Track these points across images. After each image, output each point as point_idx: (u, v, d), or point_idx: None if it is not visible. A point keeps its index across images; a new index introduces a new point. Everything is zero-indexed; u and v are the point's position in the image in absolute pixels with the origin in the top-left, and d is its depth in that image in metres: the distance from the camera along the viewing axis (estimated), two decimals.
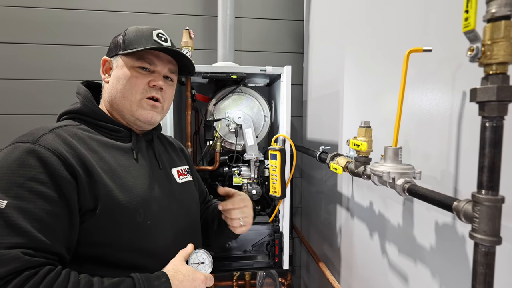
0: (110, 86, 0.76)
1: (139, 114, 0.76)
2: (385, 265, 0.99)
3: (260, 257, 1.36)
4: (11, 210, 0.55)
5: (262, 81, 1.60)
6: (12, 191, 0.56)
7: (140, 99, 0.75)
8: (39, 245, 0.56)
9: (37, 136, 0.63)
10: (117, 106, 0.76)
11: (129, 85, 0.74)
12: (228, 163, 1.49)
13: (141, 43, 0.74)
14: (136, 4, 1.75)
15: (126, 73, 0.74)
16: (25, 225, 0.55)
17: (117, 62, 0.76)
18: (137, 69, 0.75)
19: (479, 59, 0.49)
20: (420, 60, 0.79)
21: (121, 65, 0.75)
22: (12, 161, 0.59)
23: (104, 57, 0.78)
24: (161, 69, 0.78)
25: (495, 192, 0.49)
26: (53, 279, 0.55)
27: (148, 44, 0.74)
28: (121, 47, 0.75)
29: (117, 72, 0.75)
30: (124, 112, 0.76)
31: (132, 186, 0.70)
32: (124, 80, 0.74)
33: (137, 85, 0.74)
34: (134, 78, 0.74)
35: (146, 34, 0.76)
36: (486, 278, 0.49)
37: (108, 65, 0.78)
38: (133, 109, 0.75)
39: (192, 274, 0.69)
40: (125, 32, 0.77)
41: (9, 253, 0.52)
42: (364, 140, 0.87)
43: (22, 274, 0.53)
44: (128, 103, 0.75)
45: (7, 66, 1.66)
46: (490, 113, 0.48)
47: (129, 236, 0.68)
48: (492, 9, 0.46)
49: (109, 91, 0.76)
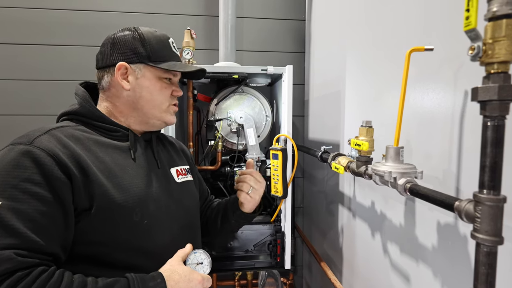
0: (134, 93, 0.76)
1: (168, 119, 0.82)
2: (387, 265, 0.99)
3: (262, 257, 1.36)
4: (5, 211, 0.55)
5: (264, 81, 1.60)
6: (6, 192, 0.57)
7: (167, 106, 0.81)
8: (33, 246, 0.56)
9: (32, 138, 0.63)
10: (143, 113, 0.78)
11: (160, 96, 0.79)
12: (229, 163, 1.49)
13: (166, 55, 0.79)
14: (138, 5, 1.76)
15: (155, 85, 0.78)
16: (18, 226, 0.55)
17: (141, 71, 0.76)
18: (164, 80, 0.80)
19: (480, 58, 0.48)
20: (422, 59, 0.79)
21: (148, 76, 0.77)
22: (7, 163, 0.59)
23: (122, 63, 0.74)
24: (177, 78, 0.84)
25: (497, 192, 0.49)
26: (46, 280, 0.55)
27: (170, 56, 0.80)
28: (145, 56, 0.75)
29: (143, 81, 0.76)
30: (150, 117, 0.80)
31: (129, 185, 0.70)
32: (154, 90, 0.78)
33: (166, 95, 0.80)
34: (164, 90, 0.80)
35: (166, 44, 0.80)
36: (488, 278, 0.48)
37: (129, 71, 0.76)
38: (162, 115, 0.81)
39: (188, 275, 0.69)
40: (143, 37, 0.76)
41: (1, 254, 0.53)
42: (365, 140, 0.87)
43: (14, 274, 0.53)
44: (157, 111, 0.79)
45: (10, 66, 1.68)
46: (492, 112, 0.47)
47: (126, 235, 0.68)
48: (493, 7, 0.46)
49: (129, 98, 0.77)
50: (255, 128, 1.42)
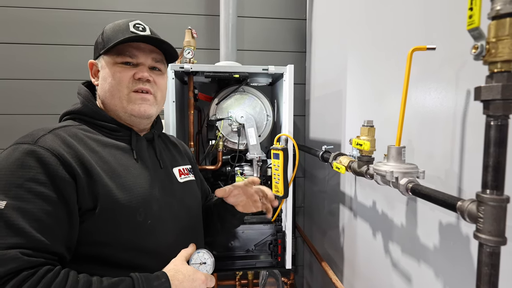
0: (100, 88, 0.76)
1: (131, 109, 0.74)
2: (388, 265, 0.99)
3: (263, 256, 1.36)
4: (10, 210, 0.55)
5: (265, 81, 1.60)
6: (11, 192, 0.57)
7: (127, 93, 0.73)
8: (38, 245, 0.56)
9: (36, 137, 0.63)
10: (110, 106, 0.75)
11: (114, 82, 0.73)
12: (230, 162, 1.49)
13: (118, 38, 0.71)
14: (139, 4, 1.76)
15: (110, 71, 0.73)
16: (24, 225, 0.55)
17: (101, 62, 0.75)
18: (120, 65, 0.73)
19: (483, 57, 0.48)
20: (424, 59, 0.79)
21: (104, 65, 0.74)
22: (11, 162, 0.59)
23: (90, 61, 0.78)
24: (145, 60, 0.75)
25: (500, 192, 0.48)
26: (51, 279, 0.55)
27: (122, 35, 0.72)
28: (101, 47, 0.74)
29: (102, 72, 0.74)
30: (118, 110, 0.75)
31: (132, 186, 0.70)
32: (109, 78, 0.73)
33: (122, 81, 0.73)
34: (118, 74, 0.73)
35: (122, 27, 0.74)
36: (491, 279, 0.48)
37: (96, 68, 0.77)
38: (124, 105, 0.74)
39: (192, 274, 0.69)
40: (103, 30, 0.76)
41: (7, 253, 0.53)
42: (367, 140, 0.87)
43: (20, 274, 0.53)
44: (117, 100, 0.73)
45: (11, 66, 1.68)
46: (495, 112, 0.47)
47: (130, 235, 0.68)
48: (497, 6, 0.46)
49: (99, 92, 0.76)
50: (256, 128, 1.41)
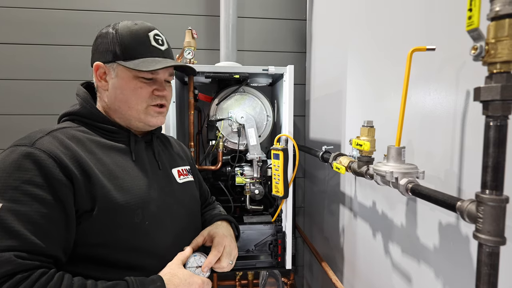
0: (111, 94, 0.74)
1: (149, 121, 0.75)
2: (388, 265, 0.99)
3: (263, 256, 1.36)
4: (6, 213, 0.55)
5: (265, 81, 1.60)
6: (7, 194, 0.57)
7: (146, 107, 0.74)
8: (33, 248, 0.56)
9: (34, 139, 0.63)
10: (123, 115, 0.75)
11: (134, 96, 0.73)
12: (230, 162, 1.49)
13: (140, 52, 0.71)
14: (139, 5, 1.76)
15: (128, 84, 0.72)
16: (19, 228, 0.55)
17: (115, 70, 0.72)
18: (140, 79, 0.73)
19: (482, 58, 0.48)
20: (423, 59, 0.79)
21: (122, 75, 0.72)
22: (8, 164, 0.59)
23: (98, 63, 0.73)
24: (163, 75, 0.76)
25: (499, 192, 0.49)
26: (45, 282, 0.54)
27: (147, 52, 0.72)
28: (117, 54, 0.71)
29: (118, 81, 0.72)
30: (132, 120, 0.75)
31: (130, 187, 0.70)
32: (127, 91, 0.72)
33: (142, 96, 0.73)
34: (138, 89, 0.72)
35: (142, 38, 0.72)
36: (490, 279, 0.48)
37: (104, 71, 0.73)
38: (141, 117, 0.75)
39: (188, 278, 0.69)
40: (118, 33, 0.71)
41: (1, 256, 0.52)
42: (367, 140, 0.87)
43: (14, 277, 0.52)
44: (135, 112, 0.74)
45: (11, 66, 1.68)
46: (494, 112, 0.47)
47: (127, 236, 0.68)
48: (496, 7, 0.46)
49: (110, 99, 0.74)
50: (256, 128, 1.42)
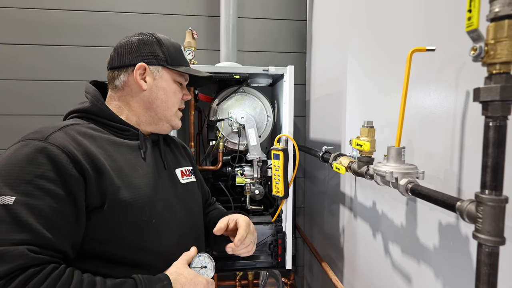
0: (150, 93, 0.79)
1: (175, 123, 0.85)
2: (388, 265, 0.99)
3: (263, 257, 1.36)
4: (19, 206, 0.56)
5: (265, 81, 1.60)
6: (20, 188, 0.57)
7: (176, 110, 0.85)
8: (45, 242, 0.57)
9: (46, 134, 0.63)
10: (156, 113, 0.81)
11: (173, 97, 0.82)
12: (231, 163, 1.50)
13: (180, 60, 0.84)
14: (140, 5, 1.76)
15: (171, 86, 0.82)
16: (32, 221, 0.56)
17: (160, 72, 0.80)
18: (177, 84, 0.84)
19: (482, 59, 0.48)
20: (423, 60, 0.79)
21: (167, 78, 0.81)
22: (21, 158, 0.59)
23: (143, 64, 0.78)
24: (185, 83, 0.88)
25: (499, 192, 0.49)
26: (57, 278, 0.55)
27: (185, 61, 0.85)
28: (163, 59, 0.80)
29: (161, 82, 0.80)
30: (161, 119, 0.82)
31: (138, 185, 0.71)
32: (169, 92, 0.82)
33: (178, 98, 0.84)
34: (178, 92, 0.84)
35: (179, 50, 0.85)
36: (490, 279, 0.48)
37: (143, 71, 0.78)
38: (172, 118, 0.84)
39: (194, 278, 0.70)
40: (161, 42, 0.81)
41: (15, 250, 0.53)
42: (367, 140, 0.87)
43: (26, 271, 0.53)
44: (169, 112, 0.82)
45: (11, 66, 1.68)
46: (494, 113, 0.48)
47: (134, 234, 0.68)
48: (495, 8, 0.46)
49: (148, 98, 0.79)
50: (256, 128, 1.42)
